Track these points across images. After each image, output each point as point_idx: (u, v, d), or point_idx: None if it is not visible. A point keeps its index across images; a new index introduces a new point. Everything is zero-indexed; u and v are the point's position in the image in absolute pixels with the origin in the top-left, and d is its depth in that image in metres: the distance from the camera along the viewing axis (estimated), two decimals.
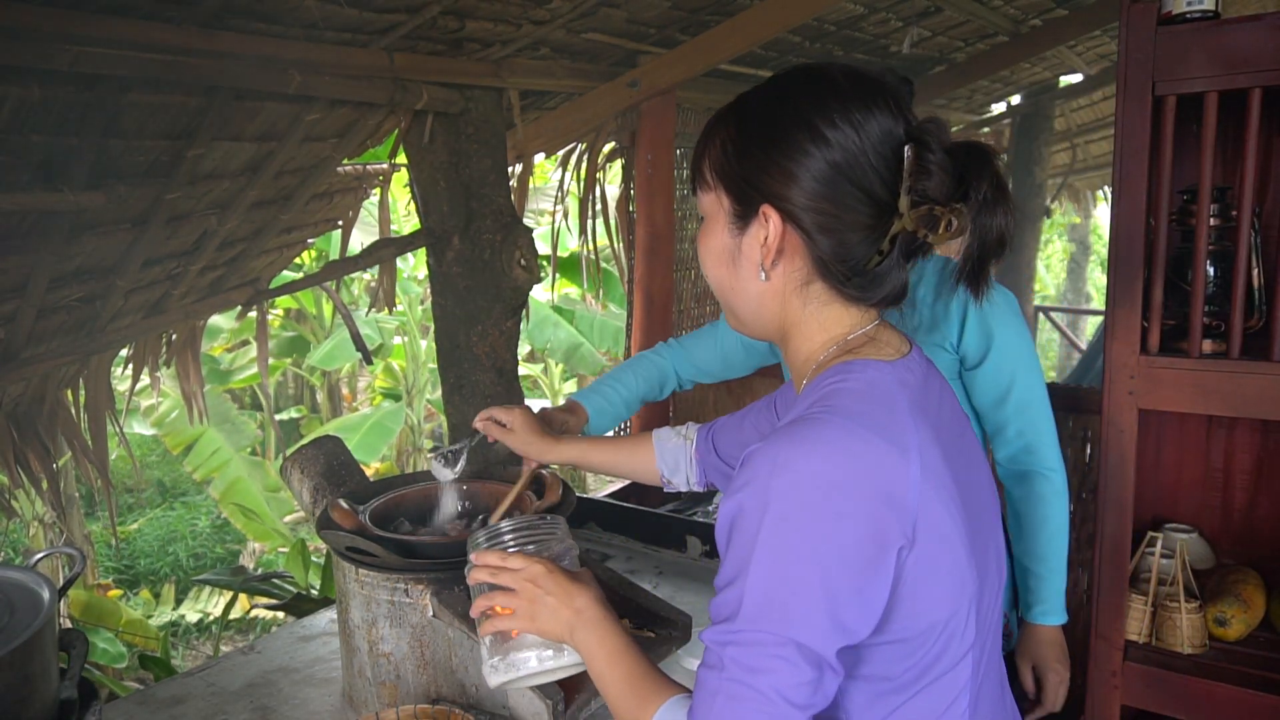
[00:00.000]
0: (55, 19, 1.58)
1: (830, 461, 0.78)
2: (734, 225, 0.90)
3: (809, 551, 0.77)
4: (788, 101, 0.87)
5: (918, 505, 0.79)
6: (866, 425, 0.81)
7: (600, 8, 2.45)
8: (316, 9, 1.91)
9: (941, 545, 0.82)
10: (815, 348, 0.91)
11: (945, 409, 0.92)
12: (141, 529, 7.31)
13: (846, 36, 3.52)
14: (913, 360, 0.91)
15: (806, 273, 0.88)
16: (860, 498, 0.77)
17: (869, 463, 0.79)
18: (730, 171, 0.89)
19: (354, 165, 2.98)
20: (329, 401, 9.03)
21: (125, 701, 1.64)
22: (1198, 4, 1.52)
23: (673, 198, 3.22)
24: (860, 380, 0.85)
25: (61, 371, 2.68)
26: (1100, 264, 11.95)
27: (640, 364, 1.81)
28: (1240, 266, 1.53)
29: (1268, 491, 1.93)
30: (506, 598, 0.98)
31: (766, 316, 0.93)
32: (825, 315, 0.90)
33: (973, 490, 0.89)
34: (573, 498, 1.67)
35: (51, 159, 1.81)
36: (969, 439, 0.94)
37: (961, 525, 0.84)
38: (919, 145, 0.83)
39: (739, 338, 1.75)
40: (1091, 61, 5.36)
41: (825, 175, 0.83)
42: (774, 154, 0.86)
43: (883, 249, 0.85)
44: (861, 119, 0.83)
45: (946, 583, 0.83)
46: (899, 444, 0.80)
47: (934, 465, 0.82)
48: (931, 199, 0.82)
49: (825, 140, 0.83)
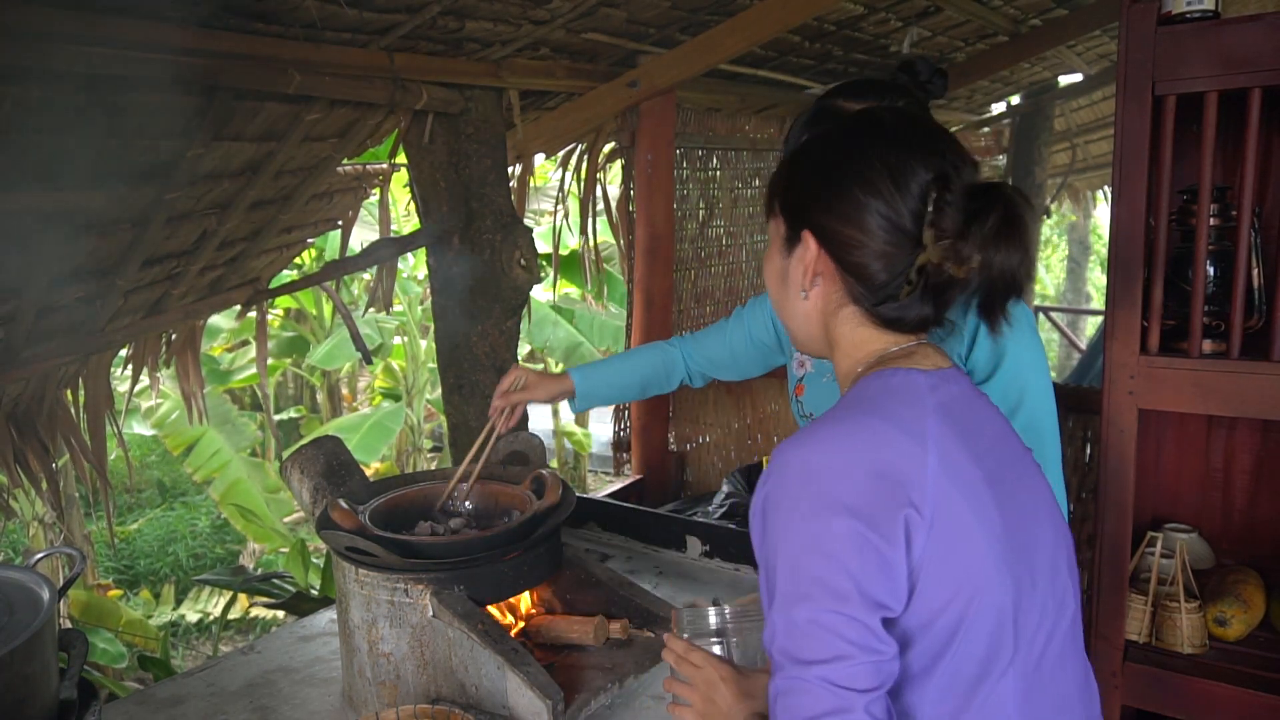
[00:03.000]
0: (55, 19, 1.58)
1: (820, 447, 0.87)
2: (785, 248, 1.00)
3: (810, 536, 0.84)
4: (838, 139, 0.97)
5: (934, 489, 0.84)
6: (876, 414, 0.89)
7: (600, 8, 2.45)
8: (316, 9, 1.91)
9: (959, 536, 0.85)
10: (853, 363, 0.99)
11: (988, 424, 0.97)
12: (141, 529, 7.31)
13: (846, 37, 3.52)
14: (951, 374, 0.97)
15: (840, 296, 0.97)
16: (850, 475, 0.85)
17: (864, 442, 0.86)
18: (784, 199, 1.01)
19: (354, 165, 2.97)
20: (329, 401, 9.03)
21: (125, 701, 1.64)
22: (1198, 4, 1.52)
23: (673, 198, 3.23)
24: (889, 382, 0.93)
25: (61, 371, 2.67)
26: (1100, 264, 11.94)
27: (644, 350, 1.81)
28: (1240, 266, 1.54)
29: (1268, 491, 1.93)
30: (685, 690, 1.05)
31: (813, 333, 1.02)
32: (859, 336, 0.98)
33: (1020, 512, 0.93)
34: (572, 498, 1.67)
35: (51, 159, 1.81)
36: (1022, 466, 0.98)
37: (991, 529, 0.87)
38: (940, 184, 0.89)
39: (747, 334, 1.74)
40: (1091, 61, 5.36)
41: (857, 208, 0.91)
42: (817, 185, 0.96)
43: (911, 279, 0.91)
44: (897, 161, 0.91)
45: (956, 572, 0.85)
46: (912, 432, 0.87)
47: (958, 464, 0.87)
48: (948, 234, 0.88)
49: (861, 177, 0.92)
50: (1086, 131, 6.99)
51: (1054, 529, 0.98)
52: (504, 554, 1.50)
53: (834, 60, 3.81)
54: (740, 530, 2.24)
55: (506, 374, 1.71)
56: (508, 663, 1.36)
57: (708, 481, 3.07)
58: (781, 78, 3.69)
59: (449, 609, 1.41)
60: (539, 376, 1.71)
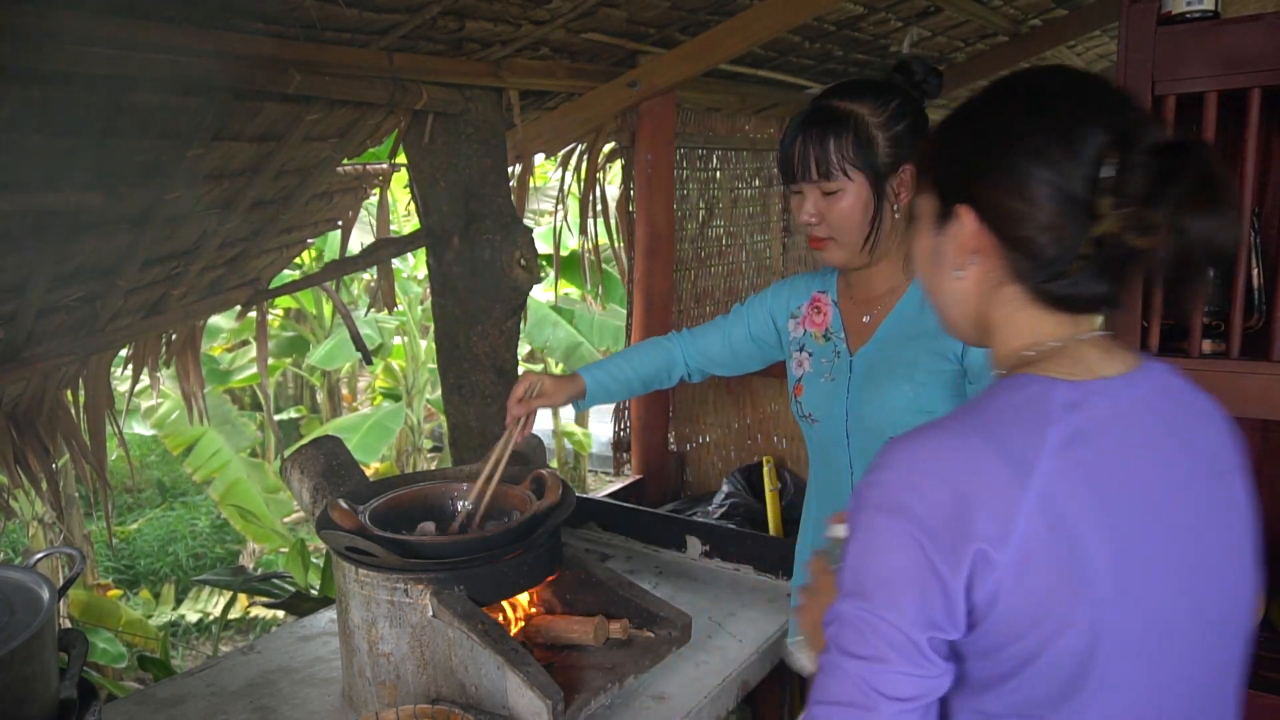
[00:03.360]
0: (55, 19, 1.58)
1: (919, 453, 0.81)
2: (936, 225, 0.92)
3: (879, 537, 0.80)
4: (986, 105, 0.89)
5: (1023, 533, 0.77)
6: (982, 432, 0.81)
7: (600, 8, 2.45)
8: (316, 9, 1.91)
9: (1052, 582, 0.78)
10: (1005, 354, 0.91)
11: (1163, 446, 0.85)
12: (141, 529, 7.31)
13: (846, 37, 3.52)
14: (1115, 385, 0.85)
15: (1001, 274, 0.88)
16: (934, 491, 0.79)
17: (959, 460, 0.80)
18: (933, 173, 0.93)
19: (354, 165, 2.97)
20: (329, 401, 9.03)
21: (125, 701, 1.64)
22: (1197, 4, 1.52)
23: (673, 198, 3.22)
24: (1017, 396, 0.84)
25: (61, 371, 2.67)
26: None
27: (647, 347, 1.80)
28: (1240, 266, 1.53)
29: (1267, 491, 1.92)
30: (812, 600, 1.02)
31: (966, 315, 0.94)
32: (1020, 320, 0.89)
33: (1178, 560, 0.83)
34: (572, 498, 1.67)
35: (51, 159, 1.81)
36: (1212, 501, 0.88)
37: (1098, 580, 0.78)
38: (1121, 144, 0.80)
39: (747, 331, 1.73)
40: (1091, 61, 5.36)
41: (1021, 178, 0.83)
42: (973, 155, 0.87)
43: (1085, 253, 0.82)
44: (1068, 122, 0.82)
45: (1037, 614, 0.78)
46: (1015, 463, 0.78)
47: (1071, 506, 0.78)
48: (1132, 200, 0.78)
49: (1024, 143, 0.83)
50: None
51: (1232, 588, 0.88)
52: (504, 554, 1.50)
53: (834, 60, 3.81)
54: (740, 530, 2.24)
55: (519, 381, 1.69)
56: (508, 663, 1.36)
57: (708, 481, 3.07)
58: (781, 78, 3.69)
59: (449, 609, 1.41)
60: (553, 380, 1.69)
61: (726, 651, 1.76)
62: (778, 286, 1.72)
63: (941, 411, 1.48)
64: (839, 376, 1.55)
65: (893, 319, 1.51)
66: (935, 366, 1.44)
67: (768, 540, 2.19)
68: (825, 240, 1.47)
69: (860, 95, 1.42)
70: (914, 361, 1.45)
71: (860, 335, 1.55)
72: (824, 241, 1.47)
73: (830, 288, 1.63)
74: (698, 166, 3.59)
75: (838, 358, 1.56)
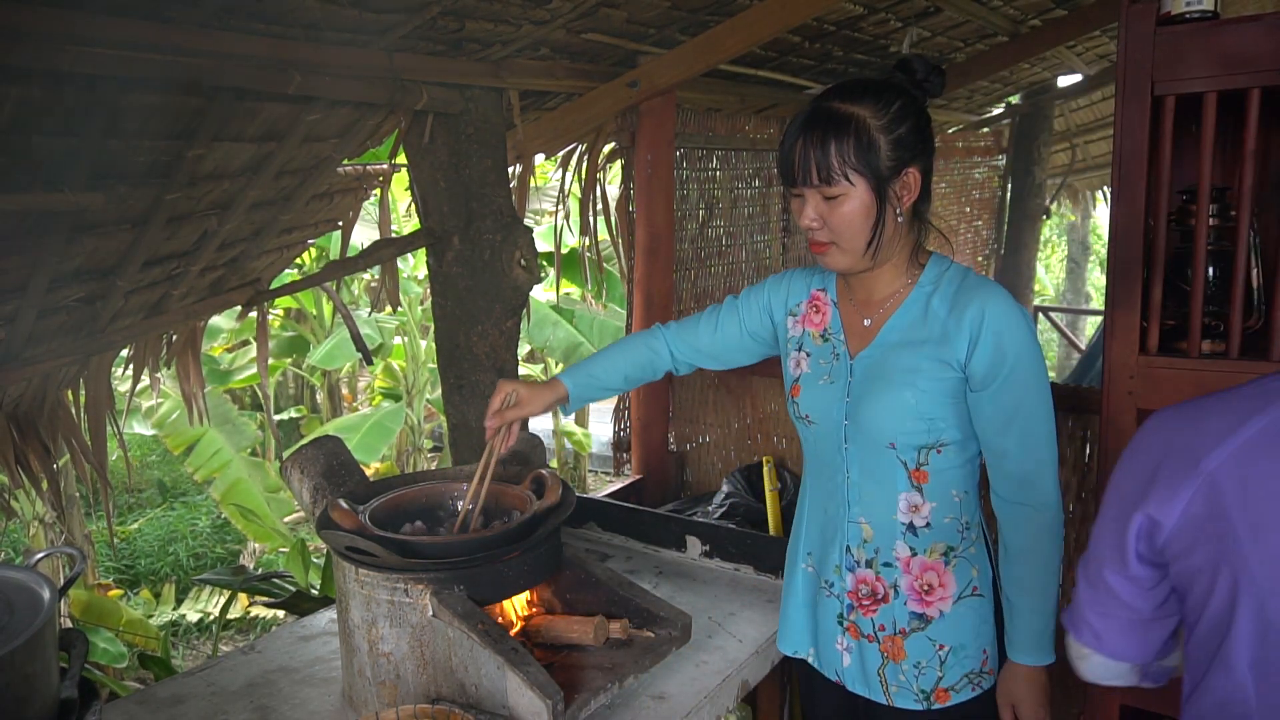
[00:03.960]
0: (55, 19, 1.58)
1: (1153, 423, 1.01)
2: None
3: (1110, 488, 1.03)
4: None
5: (1179, 517, 0.94)
6: (1191, 415, 0.98)
7: (600, 8, 2.45)
8: (316, 9, 1.91)
9: (1216, 580, 0.94)
10: None
11: None
12: (142, 529, 7.31)
13: (846, 37, 3.53)
14: None
15: None
16: (1144, 453, 0.99)
17: (1164, 439, 0.97)
18: None
19: (354, 165, 2.98)
20: (329, 401, 9.03)
21: (125, 701, 1.64)
22: (1197, 4, 1.52)
23: (673, 198, 3.22)
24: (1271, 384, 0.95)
25: (61, 372, 2.68)
26: (1100, 264, 11.94)
27: (629, 344, 1.76)
28: (1239, 266, 1.54)
29: None
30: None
31: None
32: None
33: None
34: (572, 498, 1.67)
35: (51, 159, 1.82)
36: None
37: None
38: None
39: (739, 322, 1.69)
40: (1091, 62, 5.37)
41: None
42: None
43: None
44: None
45: (1206, 597, 0.96)
46: (1188, 456, 0.94)
47: (1243, 505, 0.90)
48: None
49: None
50: (1086, 132, 7.00)
51: None
52: (504, 554, 1.50)
53: (834, 60, 3.81)
54: (740, 530, 2.24)
55: (495, 392, 1.63)
56: (508, 663, 1.36)
57: (708, 481, 3.07)
58: (781, 78, 3.69)
59: (449, 609, 1.41)
60: (530, 388, 1.65)
61: (726, 651, 1.76)
62: (775, 281, 1.69)
63: (943, 419, 1.47)
64: (838, 379, 1.53)
65: (894, 324, 1.49)
66: (938, 374, 1.43)
67: (768, 540, 2.19)
68: (827, 245, 1.45)
69: (861, 96, 1.40)
70: (916, 368, 1.44)
71: (860, 338, 1.53)
72: (825, 246, 1.45)
73: (829, 285, 1.61)
74: (698, 166, 3.59)
75: (836, 360, 1.55)
